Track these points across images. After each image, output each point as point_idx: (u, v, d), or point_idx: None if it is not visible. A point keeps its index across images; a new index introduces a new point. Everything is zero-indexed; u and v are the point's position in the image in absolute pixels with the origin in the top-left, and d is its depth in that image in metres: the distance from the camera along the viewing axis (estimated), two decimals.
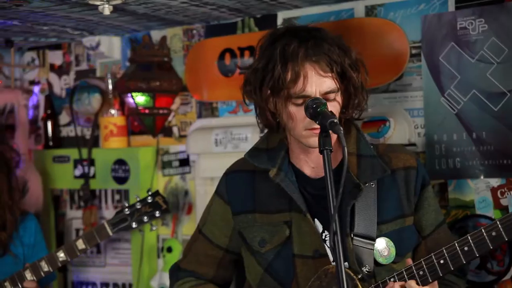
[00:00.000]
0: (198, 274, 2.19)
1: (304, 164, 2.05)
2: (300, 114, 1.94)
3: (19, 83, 3.84)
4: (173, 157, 3.32)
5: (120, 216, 2.66)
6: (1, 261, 2.73)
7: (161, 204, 2.67)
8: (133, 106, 3.27)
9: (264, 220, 2.06)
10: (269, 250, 2.04)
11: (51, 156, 3.62)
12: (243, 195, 2.10)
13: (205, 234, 2.18)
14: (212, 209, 2.18)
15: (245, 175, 2.11)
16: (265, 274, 2.05)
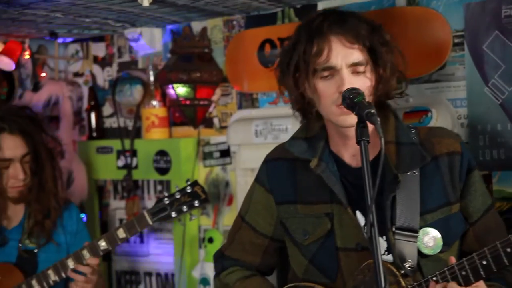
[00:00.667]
0: (243, 262, 2.16)
1: (344, 152, 2.00)
2: (328, 89, 1.90)
3: (63, 75, 3.90)
4: (214, 148, 3.33)
5: (159, 206, 2.68)
6: (44, 249, 2.77)
7: (200, 194, 2.68)
8: (174, 97, 3.28)
9: (306, 211, 2.03)
10: (312, 242, 2.01)
11: (95, 147, 3.66)
12: (284, 184, 2.07)
13: (249, 222, 2.15)
14: (254, 198, 2.15)
15: (286, 164, 2.08)
16: (310, 265, 2.03)
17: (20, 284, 2.66)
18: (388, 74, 1.94)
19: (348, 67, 1.89)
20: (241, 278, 2.13)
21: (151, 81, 3.45)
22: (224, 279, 2.15)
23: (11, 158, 2.69)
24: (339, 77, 1.89)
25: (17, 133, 2.70)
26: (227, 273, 2.16)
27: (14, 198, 2.73)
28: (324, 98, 1.91)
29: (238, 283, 2.12)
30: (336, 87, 1.88)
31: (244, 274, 2.14)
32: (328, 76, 1.90)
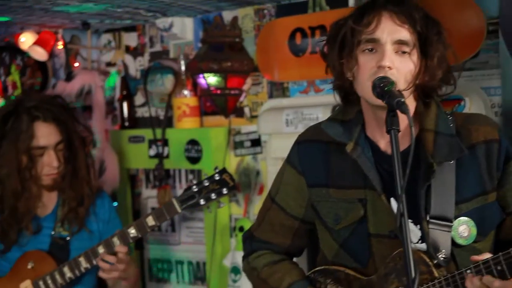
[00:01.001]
0: (273, 244, 2.15)
1: (380, 138, 1.97)
2: (367, 63, 1.86)
3: (96, 65, 3.93)
4: (245, 137, 3.33)
5: (188, 193, 2.68)
6: (77, 236, 2.80)
7: (228, 182, 2.67)
8: (205, 87, 3.29)
9: (339, 195, 2.00)
10: (344, 227, 1.99)
11: (127, 136, 3.69)
12: (316, 167, 2.04)
13: (279, 203, 2.13)
14: (284, 179, 2.13)
15: (319, 146, 2.04)
16: (341, 250, 2.01)
17: (52, 271, 2.69)
18: (435, 64, 1.89)
19: (393, 44, 1.85)
20: (269, 263, 2.12)
21: (182, 71, 3.46)
22: (253, 262, 2.14)
23: (45, 146, 2.72)
24: (381, 52, 1.85)
25: (51, 121, 2.73)
26: (256, 257, 2.15)
27: (48, 185, 2.77)
28: (362, 72, 1.87)
29: (266, 268, 2.10)
30: (375, 62, 1.85)
31: (273, 259, 2.13)
32: (371, 50, 1.87)
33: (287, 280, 2.04)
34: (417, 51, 1.88)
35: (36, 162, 2.72)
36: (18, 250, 2.75)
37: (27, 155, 2.70)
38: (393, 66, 1.84)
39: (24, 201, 2.72)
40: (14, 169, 2.69)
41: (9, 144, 2.70)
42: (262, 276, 2.10)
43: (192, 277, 3.60)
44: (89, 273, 2.80)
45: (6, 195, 2.71)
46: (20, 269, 2.73)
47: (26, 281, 2.71)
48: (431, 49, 1.89)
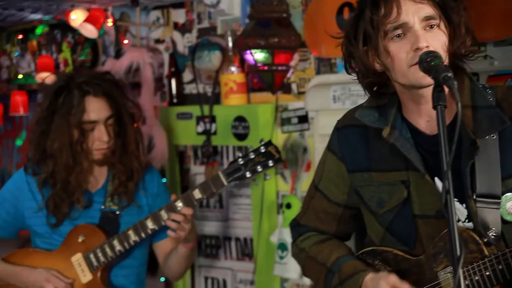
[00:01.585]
0: (320, 230, 2.15)
1: (418, 118, 1.94)
2: (401, 50, 1.81)
3: (145, 42, 3.95)
4: (292, 114, 3.31)
5: (234, 166, 2.68)
6: (127, 211, 2.83)
7: (274, 154, 2.66)
8: (252, 63, 3.27)
9: (381, 179, 1.98)
10: (388, 210, 1.97)
11: (175, 113, 3.71)
12: (357, 152, 2.02)
13: (322, 191, 2.12)
14: (326, 166, 2.11)
15: (358, 131, 2.02)
16: (387, 233, 1.99)
17: (102, 244, 2.74)
18: (463, 31, 1.85)
19: (421, 21, 1.81)
20: (317, 242, 2.11)
21: (230, 47, 3.46)
22: (301, 244, 2.14)
23: (95, 120, 2.75)
24: (412, 34, 1.81)
25: (101, 95, 2.77)
26: (304, 239, 2.15)
27: (98, 160, 2.80)
28: (398, 60, 1.83)
29: (314, 247, 2.10)
30: (410, 46, 1.81)
31: (320, 238, 2.12)
32: (401, 36, 1.83)
33: (335, 255, 2.03)
34: (443, 21, 1.83)
35: (87, 137, 2.76)
36: (69, 224, 2.80)
37: (78, 130, 2.74)
38: (429, 43, 1.80)
39: (75, 175, 2.76)
40: (66, 143, 2.74)
41: (61, 118, 2.74)
42: (310, 255, 2.09)
43: (239, 253, 3.63)
44: (139, 248, 2.84)
45: (58, 169, 2.76)
46: (71, 242, 2.78)
47: (77, 254, 2.77)
48: (455, 16, 1.84)
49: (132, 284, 2.86)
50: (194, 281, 3.82)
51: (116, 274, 2.82)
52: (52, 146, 2.74)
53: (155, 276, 4.06)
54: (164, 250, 2.90)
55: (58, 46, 4.45)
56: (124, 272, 2.83)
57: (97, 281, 2.74)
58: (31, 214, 2.81)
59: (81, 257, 2.76)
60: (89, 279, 2.75)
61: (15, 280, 2.78)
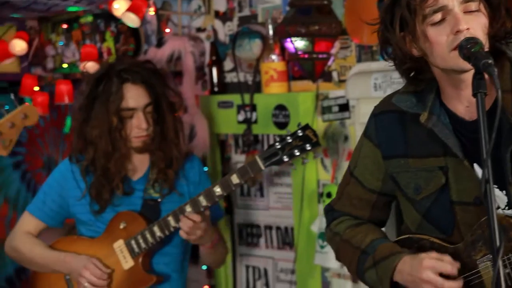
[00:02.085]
0: (353, 215, 2.14)
1: (457, 104, 1.90)
2: (441, 34, 1.77)
3: (186, 31, 3.96)
4: (333, 102, 3.28)
5: (271, 151, 2.67)
6: (168, 199, 2.86)
7: (311, 137, 2.64)
8: (293, 51, 3.25)
9: (418, 165, 1.95)
10: (425, 197, 1.94)
11: (216, 102, 3.71)
12: (393, 138, 1.99)
13: (357, 177, 2.10)
14: (362, 152, 2.09)
15: (395, 116, 1.99)
16: (423, 220, 1.96)
17: (143, 230, 2.77)
18: (503, 13, 1.81)
19: (460, 4, 1.77)
20: (351, 226, 2.10)
21: (270, 35, 3.44)
22: (335, 228, 2.13)
23: (134, 108, 2.78)
24: (452, 17, 1.77)
25: (139, 83, 2.79)
26: (338, 223, 2.14)
27: (137, 148, 2.83)
28: (438, 45, 1.80)
29: (348, 230, 2.09)
30: (450, 29, 1.77)
31: (354, 222, 2.11)
32: (440, 21, 1.79)
33: (370, 237, 2.02)
34: (482, 4, 1.79)
35: (125, 124, 2.79)
36: (112, 211, 2.84)
37: (117, 117, 2.77)
38: (469, 26, 1.76)
39: (114, 162, 2.80)
40: (105, 130, 2.77)
41: (101, 105, 2.78)
42: (344, 238, 2.08)
43: (280, 242, 3.62)
44: (179, 235, 2.86)
45: (98, 155, 2.80)
46: (113, 229, 2.82)
47: (119, 241, 2.80)
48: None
49: (173, 272, 2.88)
50: (235, 269, 3.83)
51: (157, 261, 2.85)
52: (92, 133, 2.78)
53: (198, 264, 4.09)
54: None
55: (101, 35, 4.49)
56: (165, 260, 2.86)
57: (138, 267, 2.77)
58: (75, 202, 2.86)
59: (123, 244, 2.79)
60: (131, 265, 2.78)
61: (60, 266, 2.83)
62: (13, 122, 2.89)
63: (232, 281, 3.83)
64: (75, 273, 2.77)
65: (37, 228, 2.92)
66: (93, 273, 2.73)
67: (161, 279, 2.81)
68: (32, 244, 2.89)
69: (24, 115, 2.91)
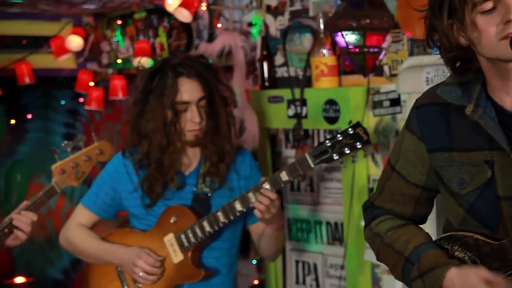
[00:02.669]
0: (395, 212, 2.08)
1: (504, 96, 1.84)
2: (490, 23, 1.73)
3: (238, 25, 3.97)
4: (384, 97, 3.24)
5: (321, 148, 2.65)
6: (218, 193, 2.87)
7: (362, 135, 2.60)
8: (344, 45, 3.22)
9: (463, 159, 1.89)
10: (470, 191, 1.88)
11: (267, 96, 3.71)
12: (437, 131, 1.94)
13: (399, 171, 2.04)
14: (404, 146, 2.03)
15: (438, 109, 1.93)
16: (467, 215, 1.91)
17: (193, 225, 2.79)
18: None
19: None
20: (393, 228, 2.04)
21: (321, 29, 3.41)
22: (375, 228, 2.07)
23: (188, 101, 2.80)
24: (503, 6, 1.71)
25: (193, 77, 2.81)
26: (378, 222, 2.08)
27: (191, 141, 2.85)
28: (487, 34, 1.75)
29: (389, 232, 2.03)
30: (500, 18, 1.72)
31: (396, 223, 2.05)
32: (491, 9, 1.75)
33: (413, 243, 1.96)
34: None
35: (180, 117, 2.81)
36: (163, 204, 2.87)
37: (171, 110, 2.79)
38: None
39: (169, 155, 2.82)
40: (160, 124, 2.80)
41: (155, 99, 2.81)
42: (386, 241, 2.02)
43: (330, 237, 3.60)
44: (230, 230, 2.89)
45: (153, 149, 2.83)
46: (164, 223, 2.85)
47: (169, 235, 2.83)
48: None
49: (223, 266, 2.90)
50: (285, 264, 3.83)
51: (207, 256, 2.86)
52: (146, 127, 2.81)
53: (248, 258, 4.10)
54: (257, 231, 2.93)
55: (154, 31, 4.54)
56: (215, 254, 2.88)
57: (188, 261, 2.79)
58: (128, 195, 2.90)
59: (173, 238, 2.82)
60: (180, 259, 2.80)
61: (111, 257, 2.87)
62: (89, 156, 2.97)
63: (282, 276, 3.82)
64: (127, 264, 2.81)
65: (91, 220, 2.98)
66: (147, 261, 2.76)
67: (210, 274, 2.82)
68: (85, 235, 2.95)
69: (99, 150, 3.01)
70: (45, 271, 5.95)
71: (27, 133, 5.92)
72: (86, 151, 2.97)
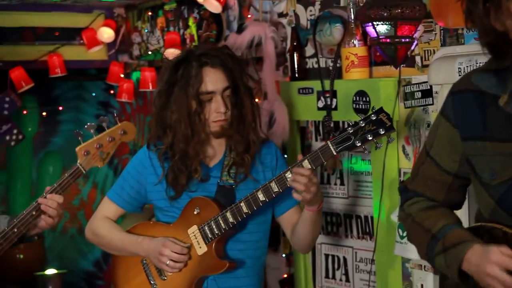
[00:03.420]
0: (427, 197, 2.07)
1: None
2: None
3: (268, 16, 3.92)
4: (416, 88, 3.17)
5: (343, 136, 2.59)
6: (243, 185, 2.83)
7: (385, 121, 2.54)
8: (374, 36, 3.15)
9: (495, 149, 1.85)
10: (501, 182, 1.84)
11: (296, 88, 3.66)
12: (472, 118, 1.90)
13: (433, 157, 2.03)
14: (439, 132, 2.02)
15: (473, 96, 1.90)
16: (497, 206, 1.86)
17: (216, 216, 2.76)
18: None
19: None
20: (425, 208, 2.03)
21: (352, 19, 3.35)
22: (408, 209, 2.07)
23: (212, 91, 2.77)
24: None
25: (218, 67, 2.78)
26: (411, 203, 2.07)
27: (216, 132, 2.82)
28: None
29: (421, 212, 2.02)
30: None
31: (428, 205, 2.04)
32: None
33: (442, 222, 1.95)
34: None
35: (204, 108, 2.78)
36: (187, 197, 2.84)
37: (196, 100, 2.77)
38: None
39: (193, 146, 2.80)
40: (185, 114, 2.77)
41: (180, 89, 2.79)
42: (416, 220, 2.02)
43: (360, 231, 3.54)
44: (256, 223, 2.85)
45: (177, 139, 2.81)
46: (188, 215, 2.82)
47: (193, 227, 2.80)
48: None
49: (248, 258, 2.86)
50: (315, 258, 3.78)
51: (231, 247, 2.83)
52: (171, 118, 2.79)
53: (277, 252, 4.07)
54: (290, 221, 2.86)
55: (185, 22, 4.52)
56: (239, 246, 2.84)
57: (211, 253, 2.77)
58: (152, 188, 2.89)
59: (197, 229, 2.79)
60: (204, 251, 2.78)
61: (137, 249, 2.86)
62: (113, 137, 3.00)
63: (312, 269, 3.78)
64: (153, 253, 2.79)
65: (116, 213, 2.97)
66: (173, 249, 2.74)
67: (234, 265, 2.78)
68: (110, 227, 2.94)
69: (123, 131, 3.03)
70: (76, 263, 6.00)
71: (59, 125, 5.96)
72: (110, 132, 2.98)
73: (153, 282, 2.86)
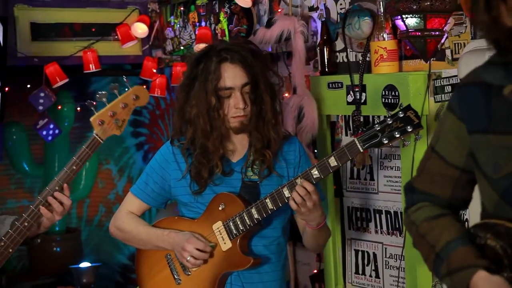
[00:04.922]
0: (433, 195, 2.01)
1: None
2: None
3: (299, 10, 3.89)
4: (446, 82, 3.11)
5: (370, 133, 2.56)
6: (267, 181, 2.82)
7: (413, 119, 2.50)
8: (404, 29, 3.11)
9: (499, 142, 1.81)
10: (504, 176, 1.80)
11: (326, 82, 3.63)
12: (476, 111, 1.86)
13: (438, 152, 1.98)
14: (445, 126, 1.97)
15: (479, 89, 1.85)
16: (501, 201, 1.82)
17: (241, 212, 2.75)
18: None
19: None
20: (428, 218, 1.98)
21: (381, 13, 3.30)
22: (412, 215, 2.03)
23: (231, 87, 2.76)
24: None
25: (237, 62, 2.76)
26: (415, 209, 2.03)
27: (235, 128, 2.81)
28: None
29: (424, 223, 1.97)
30: None
31: (433, 213, 1.98)
32: None
33: (445, 238, 1.90)
34: None
35: (223, 103, 2.77)
36: (211, 192, 2.84)
37: (215, 96, 2.76)
38: None
39: (212, 141, 2.79)
40: (204, 110, 2.77)
41: (200, 85, 2.78)
42: (420, 232, 1.98)
43: (389, 226, 3.50)
44: (279, 218, 2.84)
45: (197, 135, 2.81)
46: (213, 210, 2.82)
47: (218, 222, 2.80)
48: None
49: (272, 254, 2.85)
50: (345, 253, 3.75)
51: (256, 243, 2.82)
52: (191, 113, 2.79)
53: None
54: (301, 223, 2.88)
55: (216, 17, 4.51)
56: (264, 242, 2.83)
57: (236, 249, 2.76)
58: (176, 183, 2.89)
59: (221, 225, 2.79)
60: (229, 247, 2.77)
61: (163, 242, 2.87)
62: (126, 103, 2.97)
63: (342, 265, 3.76)
64: (177, 247, 2.80)
65: (140, 208, 2.98)
66: (196, 246, 2.74)
67: (259, 261, 2.78)
68: (136, 221, 2.96)
69: (135, 96, 2.99)
70: (112, 256, 6.06)
71: None
72: (122, 98, 2.96)
73: (177, 277, 2.87)
